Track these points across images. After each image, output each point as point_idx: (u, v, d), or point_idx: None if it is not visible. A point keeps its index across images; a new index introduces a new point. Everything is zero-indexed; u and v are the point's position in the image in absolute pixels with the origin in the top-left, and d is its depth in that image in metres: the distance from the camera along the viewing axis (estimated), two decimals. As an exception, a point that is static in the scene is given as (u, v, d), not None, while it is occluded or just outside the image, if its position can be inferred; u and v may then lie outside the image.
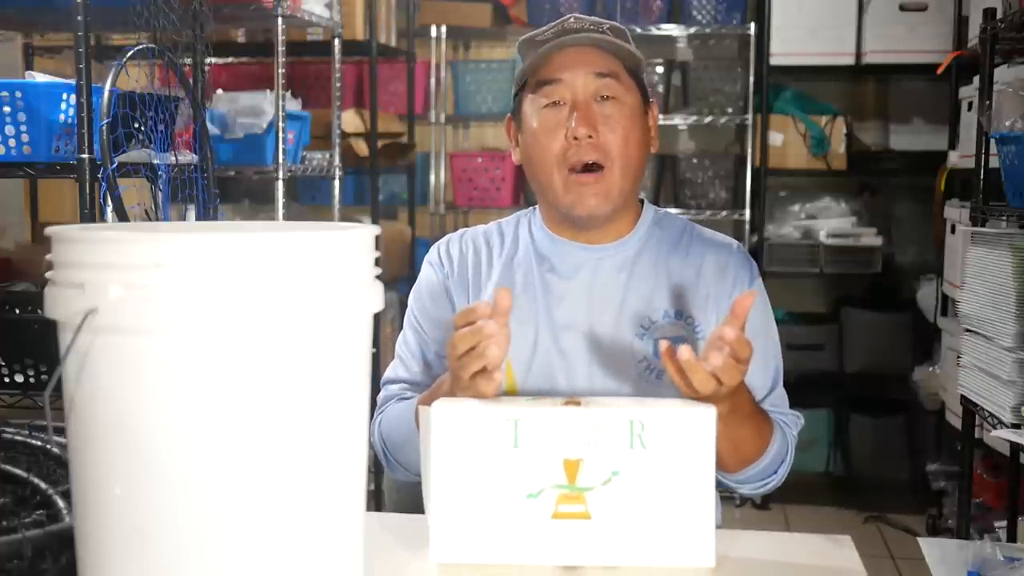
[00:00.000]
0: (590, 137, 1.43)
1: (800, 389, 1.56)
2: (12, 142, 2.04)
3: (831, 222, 3.99)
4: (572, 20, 1.49)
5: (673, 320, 1.48)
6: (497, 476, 1.18)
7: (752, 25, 3.87)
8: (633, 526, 1.17)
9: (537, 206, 1.60)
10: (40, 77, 2.16)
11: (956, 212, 3.29)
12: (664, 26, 3.95)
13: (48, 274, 0.86)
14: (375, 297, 0.92)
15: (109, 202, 1.95)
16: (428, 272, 1.60)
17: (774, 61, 3.83)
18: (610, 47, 1.47)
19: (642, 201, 1.59)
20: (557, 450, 1.17)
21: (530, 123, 1.49)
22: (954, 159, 3.44)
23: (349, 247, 0.89)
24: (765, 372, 1.52)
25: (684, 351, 1.19)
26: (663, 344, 1.23)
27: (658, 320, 1.48)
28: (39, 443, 1.16)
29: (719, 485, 1.49)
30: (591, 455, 1.17)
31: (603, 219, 1.49)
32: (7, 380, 2.16)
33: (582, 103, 1.45)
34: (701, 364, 1.19)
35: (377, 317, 1.53)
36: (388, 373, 1.59)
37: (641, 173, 1.52)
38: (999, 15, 2.56)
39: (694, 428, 1.17)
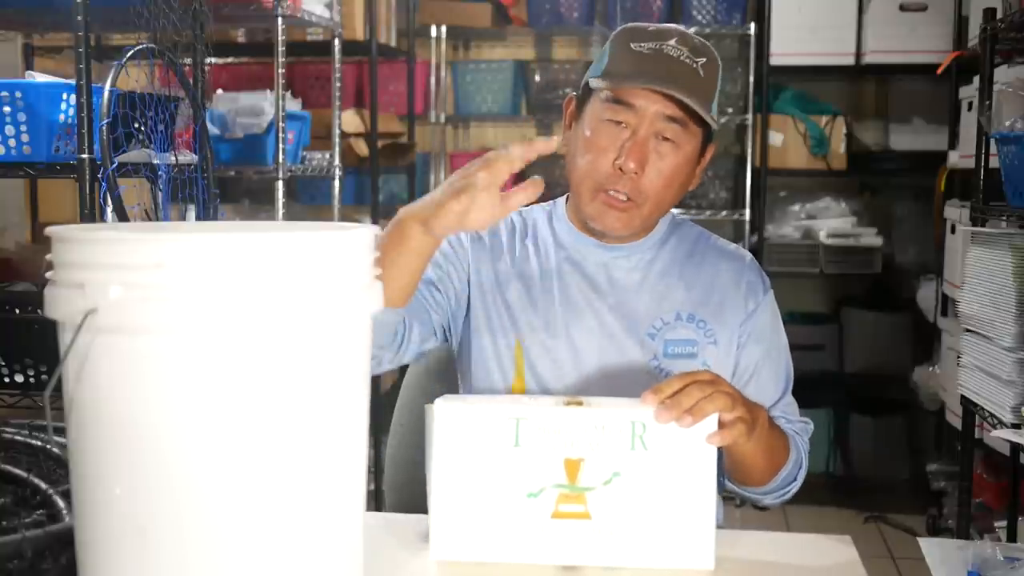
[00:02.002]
0: (636, 173, 1.42)
1: (800, 389, 1.56)
2: (12, 142, 2.04)
3: (831, 222, 3.99)
4: (673, 42, 1.43)
5: (685, 322, 1.50)
6: (498, 474, 1.18)
7: (752, 25, 3.87)
8: (633, 527, 1.17)
9: (558, 200, 1.60)
10: (40, 77, 2.15)
11: (956, 212, 3.29)
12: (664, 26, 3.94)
13: (48, 274, 0.86)
14: (375, 297, 0.92)
15: (109, 202, 1.95)
16: (450, 237, 1.54)
17: (774, 61, 3.83)
18: (693, 100, 1.41)
19: None
20: (558, 450, 1.17)
21: (586, 128, 1.47)
22: (954, 159, 3.44)
23: (349, 247, 0.89)
24: (776, 379, 1.53)
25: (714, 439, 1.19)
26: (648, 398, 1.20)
27: (671, 321, 1.49)
28: (39, 443, 1.16)
29: (726, 489, 1.50)
30: (592, 455, 1.17)
31: (619, 238, 1.50)
32: (7, 380, 2.16)
33: (642, 138, 1.42)
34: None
35: (377, 317, 1.53)
36: None
37: (670, 207, 1.51)
38: (999, 15, 2.56)
39: (696, 431, 1.17)
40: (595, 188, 1.45)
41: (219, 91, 3.04)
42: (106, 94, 1.93)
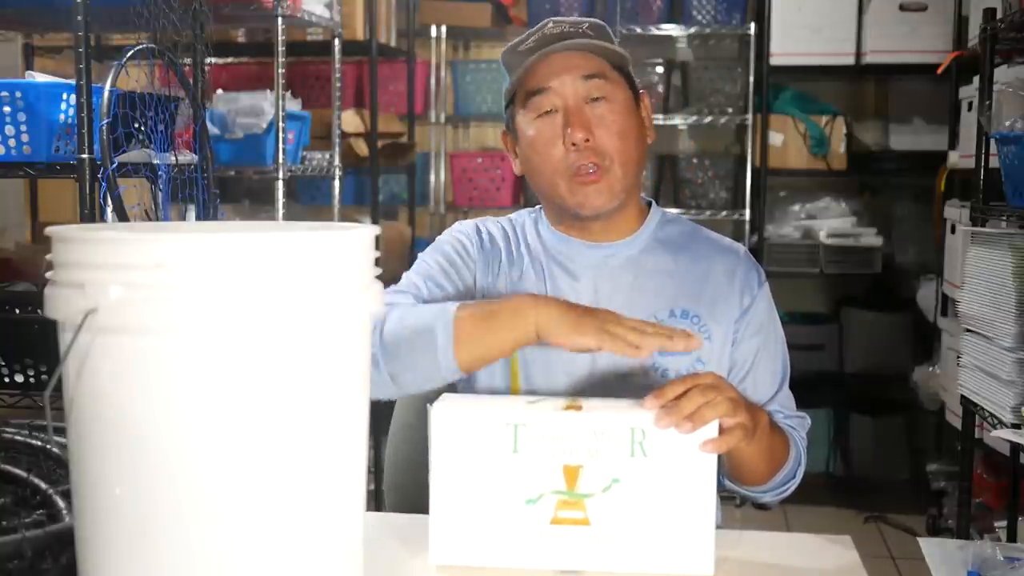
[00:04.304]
0: (587, 141, 1.44)
1: (800, 389, 1.56)
2: (12, 142, 2.04)
3: (831, 222, 3.99)
4: (551, 24, 1.48)
5: (679, 319, 1.49)
6: (496, 480, 1.17)
7: (752, 25, 3.87)
8: (632, 533, 1.17)
9: (542, 207, 1.60)
10: (40, 77, 2.15)
11: (956, 212, 3.29)
12: (664, 26, 3.95)
13: (48, 274, 0.86)
14: (375, 297, 0.92)
15: (109, 202, 1.95)
16: (461, 237, 1.57)
17: (774, 61, 3.83)
18: (594, 49, 1.47)
19: (649, 203, 1.60)
20: (557, 456, 1.17)
21: (526, 135, 1.49)
22: (954, 159, 3.44)
23: (349, 247, 0.89)
24: (773, 373, 1.52)
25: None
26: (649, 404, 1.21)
27: (664, 319, 1.48)
28: (39, 443, 1.16)
29: (725, 488, 1.50)
30: (591, 462, 1.16)
31: (610, 213, 1.50)
32: (7, 380, 2.16)
33: (574, 108, 1.45)
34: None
35: (377, 317, 1.53)
36: (387, 296, 1.48)
37: (642, 165, 1.53)
38: (999, 15, 2.57)
39: (696, 437, 1.17)
40: (563, 176, 1.46)
41: (219, 91, 3.03)
42: (106, 94, 1.93)
